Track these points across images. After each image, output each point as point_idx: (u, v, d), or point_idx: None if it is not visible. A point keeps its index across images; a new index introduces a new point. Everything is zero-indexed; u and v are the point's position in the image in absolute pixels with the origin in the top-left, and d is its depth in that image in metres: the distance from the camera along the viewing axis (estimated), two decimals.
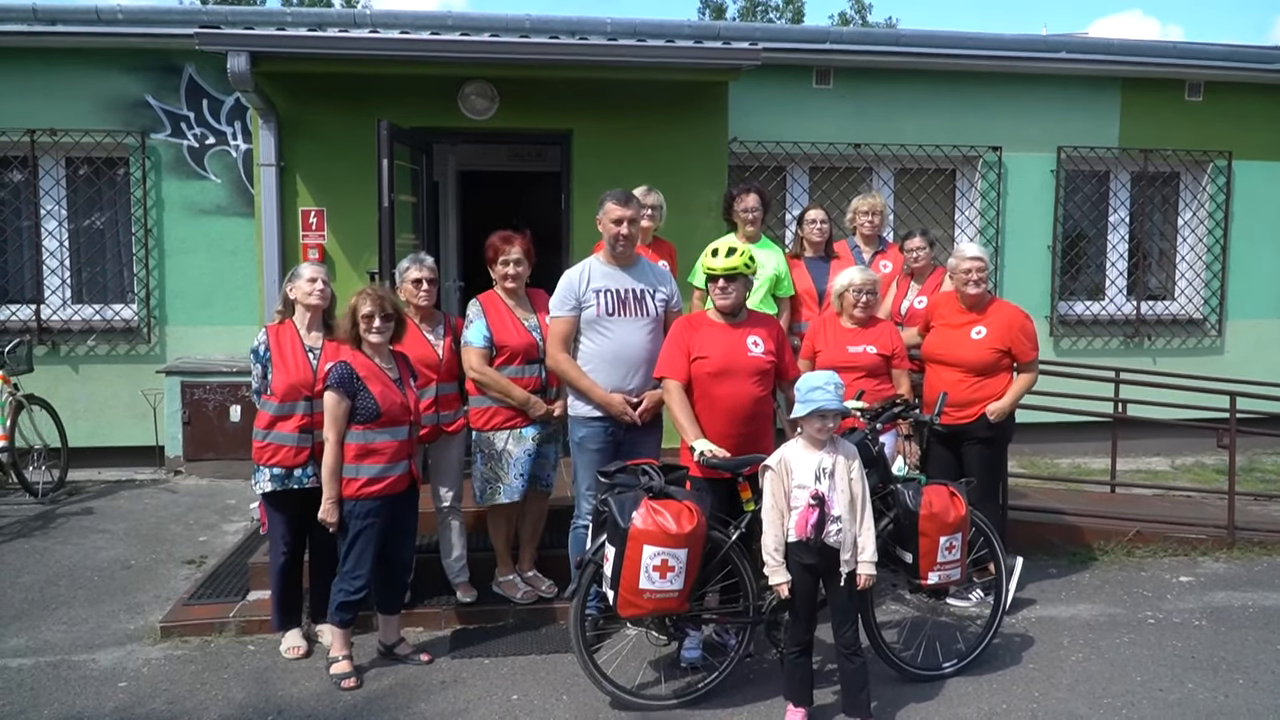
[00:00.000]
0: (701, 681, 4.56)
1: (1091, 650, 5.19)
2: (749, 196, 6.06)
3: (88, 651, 5.05)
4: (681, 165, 7.63)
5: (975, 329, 5.61)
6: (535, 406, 5.22)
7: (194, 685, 4.67)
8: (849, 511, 4.17)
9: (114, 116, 8.54)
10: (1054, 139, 9.52)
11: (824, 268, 6.24)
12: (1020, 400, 5.65)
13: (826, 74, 9.07)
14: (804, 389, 4.18)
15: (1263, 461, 9.67)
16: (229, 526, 7.15)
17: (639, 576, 4.11)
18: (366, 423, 4.60)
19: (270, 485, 4.84)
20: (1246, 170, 9.88)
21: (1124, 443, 8.52)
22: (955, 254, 5.72)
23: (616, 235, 4.96)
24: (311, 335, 4.96)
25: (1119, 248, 10.03)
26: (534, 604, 5.48)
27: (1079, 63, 9.25)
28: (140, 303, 8.68)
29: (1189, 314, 10.03)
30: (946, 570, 4.57)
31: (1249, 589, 6.13)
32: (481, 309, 5.26)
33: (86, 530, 7.06)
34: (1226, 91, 9.75)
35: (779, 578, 4.15)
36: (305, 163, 7.42)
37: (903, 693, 4.64)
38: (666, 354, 4.75)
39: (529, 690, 4.65)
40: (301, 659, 4.96)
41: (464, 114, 7.55)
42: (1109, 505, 7.66)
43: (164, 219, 8.68)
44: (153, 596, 5.81)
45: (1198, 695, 4.66)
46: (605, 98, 7.58)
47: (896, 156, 9.27)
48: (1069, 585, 6.16)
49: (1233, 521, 6.88)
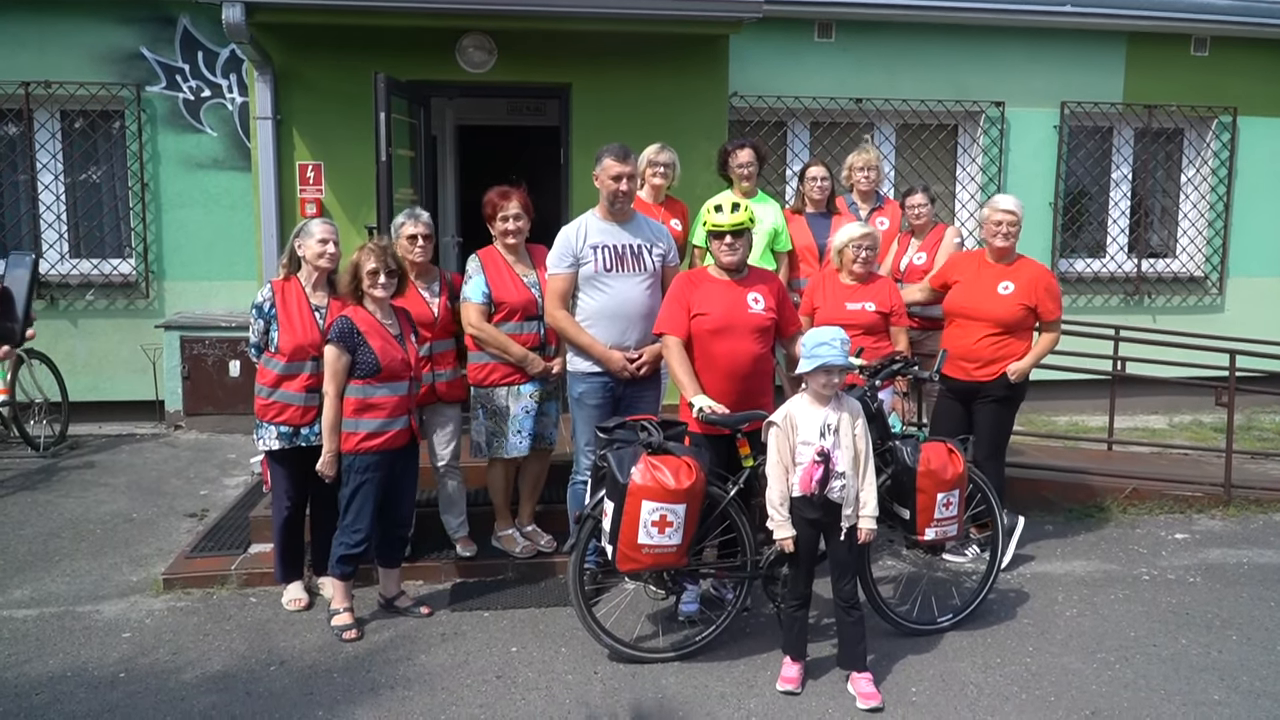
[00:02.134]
0: (699, 635, 4.60)
1: (1086, 606, 5.23)
2: (743, 151, 6.02)
3: (92, 603, 5.10)
4: (681, 119, 7.57)
5: (1002, 284, 5.55)
6: (533, 364, 5.22)
7: (197, 636, 4.71)
8: (852, 467, 4.19)
9: (109, 69, 8.46)
10: (1058, 94, 9.44)
11: (825, 224, 6.20)
12: (1040, 362, 5.63)
13: (828, 27, 8.97)
14: (809, 344, 4.17)
15: (1261, 420, 9.69)
16: (229, 480, 7.18)
17: (637, 531, 4.14)
18: (366, 377, 4.61)
19: (277, 444, 4.85)
20: (1251, 126, 9.81)
21: (1122, 400, 8.53)
22: (989, 205, 5.65)
23: (615, 192, 4.93)
24: (317, 294, 4.94)
25: (1121, 205, 9.98)
26: (533, 558, 5.52)
27: (1084, 16, 9.13)
28: (138, 257, 8.66)
29: (1190, 272, 10.01)
30: (943, 526, 4.59)
31: (1244, 546, 6.17)
32: (480, 265, 5.24)
33: (88, 484, 7.09)
34: (1232, 46, 9.65)
35: (784, 532, 4.18)
36: (302, 116, 7.37)
37: (898, 646, 4.69)
38: (667, 310, 4.75)
39: (528, 643, 4.69)
40: (303, 611, 5.00)
41: (462, 67, 7.48)
42: (1106, 463, 7.70)
43: (160, 173, 8.63)
44: (155, 549, 5.85)
45: (1191, 651, 4.71)
46: (605, 50, 7.50)
47: (898, 111, 9.20)
48: (1065, 542, 6.20)
49: (1229, 479, 6.91)
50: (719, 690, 4.26)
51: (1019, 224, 5.56)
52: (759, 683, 4.32)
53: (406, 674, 4.36)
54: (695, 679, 4.35)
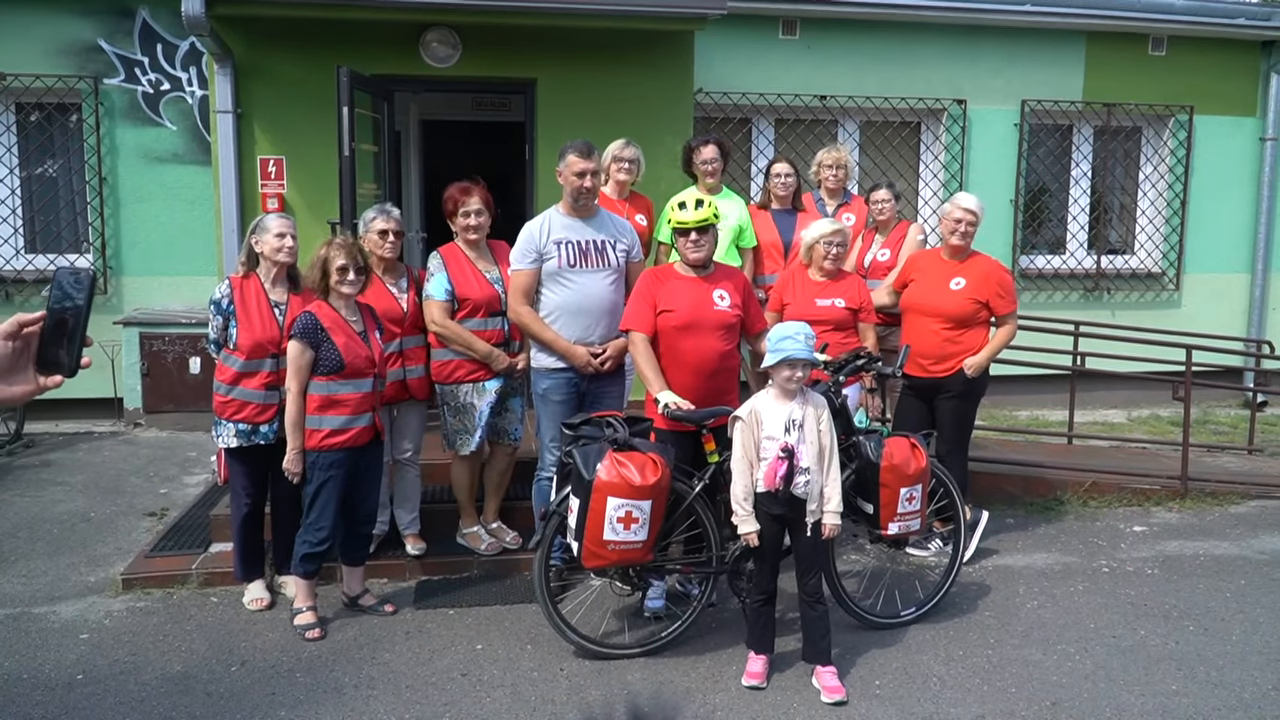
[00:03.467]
0: (665, 630, 4.61)
1: (1046, 598, 5.29)
2: (707, 148, 6.02)
3: (48, 604, 5.02)
4: (646, 115, 7.56)
5: (954, 280, 5.62)
6: (498, 360, 5.21)
7: (156, 637, 4.66)
8: (817, 463, 4.21)
9: (66, 61, 8.32)
10: (1018, 92, 9.53)
11: (790, 220, 6.22)
12: (997, 356, 5.69)
13: (793, 24, 9.00)
14: (774, 338, 4.19)
15: (1216, 414, 9.85)
16: (190, 479, 7.10)
17: (603, 528, 4.14)
18: (330, 374, 4.58)
19: (236, 441, 4.80)
20: (1207, 125, 9.95)
21: (1082, 395, 8.65)
22: (950, 202, 5.72)
23: (579, 188, 4.92)
24: (277, 290, 4.89)
25: (1080, 202, 10.09)
26: (498, 555, 5.51)
27: (1044, 15, 9.21)
28: (96, 252, 8.52)
29: (1148, 268, 10.15)
30: (906, 521, 4.64)
31: (1200, 538, 6.27)
32: (443, 262, 5.22)
33: (45, 483, 6.99)
34: (1189, 46, 9.79)
35: (748, 527, 4.19)
36: (263, 110, 7.28)
37: (862, 640, 4.72)
38: (633, 306, 4.74)
39: (493, 640, 4.68)
40: (265, 610, 4.96)
41: (426, 62, 7.42)
42: (1066, 456, 7.79)
43: (119, 167, 8.50)
44: (114, 549, 5.78)
45: (1150, 641, 4.78)
46: (570, 46, 7.48)
47: (862, 108, 9.25)
48: (1025, 535, 6.27)
49: (1186, 473, 7.02)
50: (685, 686, 4.27)
51: (977, 223, 5.63)
52: (724, 678, 4.33)
53: (370, 673, 4.34)
54: (661, 675, 4.36)
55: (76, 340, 1.66)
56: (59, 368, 1.67)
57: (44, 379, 1.67)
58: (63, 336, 1.66)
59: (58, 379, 1.67)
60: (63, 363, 1.67)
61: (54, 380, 1.67)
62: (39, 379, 1.67)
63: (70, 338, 1.66)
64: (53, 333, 1.66)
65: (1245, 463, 8.10)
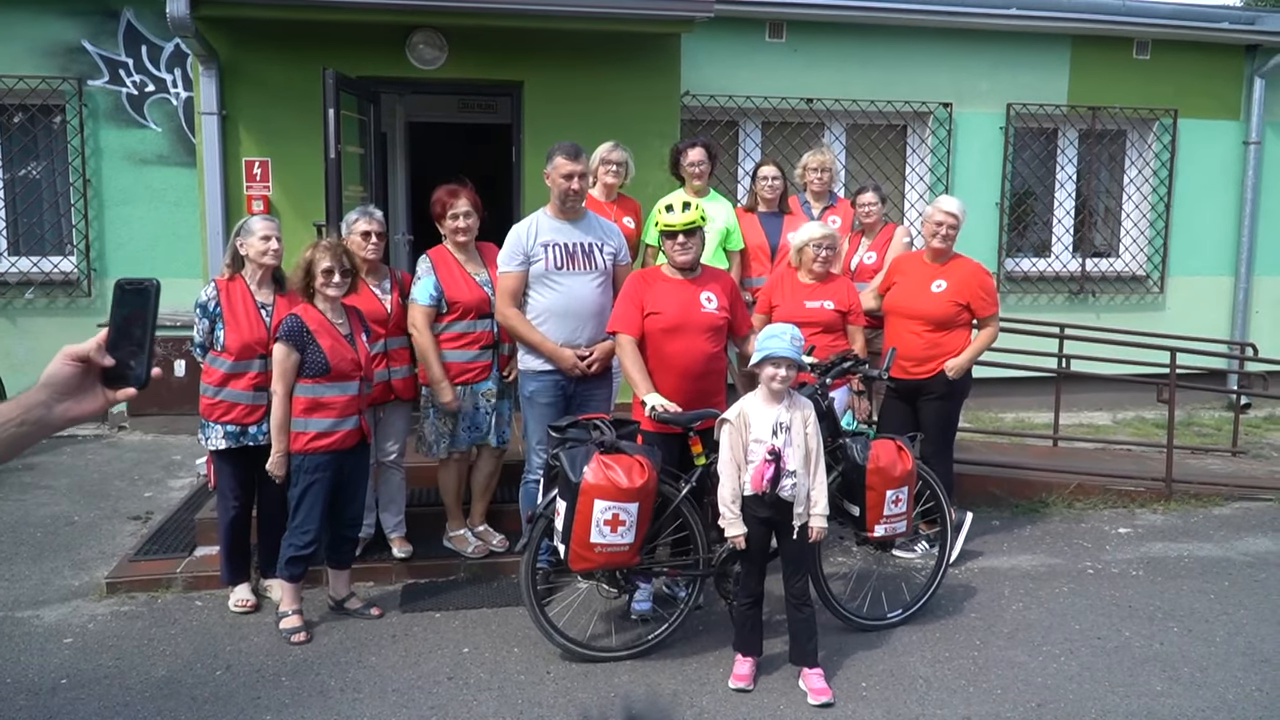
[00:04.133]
0: (652, 633, 4.61)
1: (1032, 600, 5.31)
2: (694, 150, 6.03)
3: (32, 608, 4.99)
4: (634, 118, 7.56)
5: (935, 282, 5.64)
6: (443, 391, 5.16)
7: (141, 641, 4.63)
8: (804, 466, 4.21)
9: (49, 62, 8.28)
10: (1004, 95, 9.56)
11: (777, 223, 6.23)
12: (978, 357, 5.72)
13: (780, 27, 9.02)
14: (761, 338, 4.20)
15: (1200, 416, 9.90)
16: (175, 482, 7.07)
17: (590, 530, 4.14)
18: (315, 377, 4.56)
19: (224, 443, 4.78)
20: (1191, 128, 10.00)
21: (1067, 397, 8.68)
22: (933, 205, 5.76)
23: (566, 190, 4.92)
24: (263, 292, 4.87)
25: (1065, 205, 10.13)
26: (485, 558, 5.50)
27: (1029, 19, 9.25)
28: (80, 254, 8.48)
29: (1132, 271, 10.19)
30: (893, 523, 4.65)
31: (1184, 540, 6.30)
32: (431, 265, 5.21)
33: (28, 486, 6.94)
34: (1173, 50, 9.83)
35: (735, 530, 4.19)
36: (248, 111, 7.26)
37: (849, 642, 4.73)
38: (620, 309, 4.74)
39: (480, 643, 4.67)
40: (250, 614, 4.94)
41: (412, 64, 7.41)
42: (1051, 459, 7.82)
43: (103, 169, 8.46)
44: (98, 553, 5.74)
45: (1134, 643, 4.80)
46: (557, 48, 7.48)
47: (848, 111, 9.27)
48: (1011, 536, 6.29)
49: (1170, 474, 7.05)
50: (672, 688, 4.26)
51: (958, 226, 5.65)
52: (711, 680, 4.33)
53: (357, 676, 4.32)
54: (648, 677, 4.36)
55: (145, 351, 1.63)
56: (129, 380, 1.63)
57: (112, 393, 1.63)
58: (130, 347, 1.62)
59: (130, 391, 1.64)
60: (132, 374, 1.63)
61: (125, 393, 1.64)
62: (107, 393, 1.63)
63: (139, 348, 1.62)
64: (118, 344, 1.62)
65: (1229, 465, 8.15)
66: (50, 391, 1.58)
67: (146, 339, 1.63)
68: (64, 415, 1.60)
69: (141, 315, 1.63)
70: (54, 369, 1.59)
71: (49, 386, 1.58)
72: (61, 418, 1.59)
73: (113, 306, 1.63)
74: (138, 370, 1.63)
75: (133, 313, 1.63)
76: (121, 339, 1.62)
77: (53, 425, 1.59)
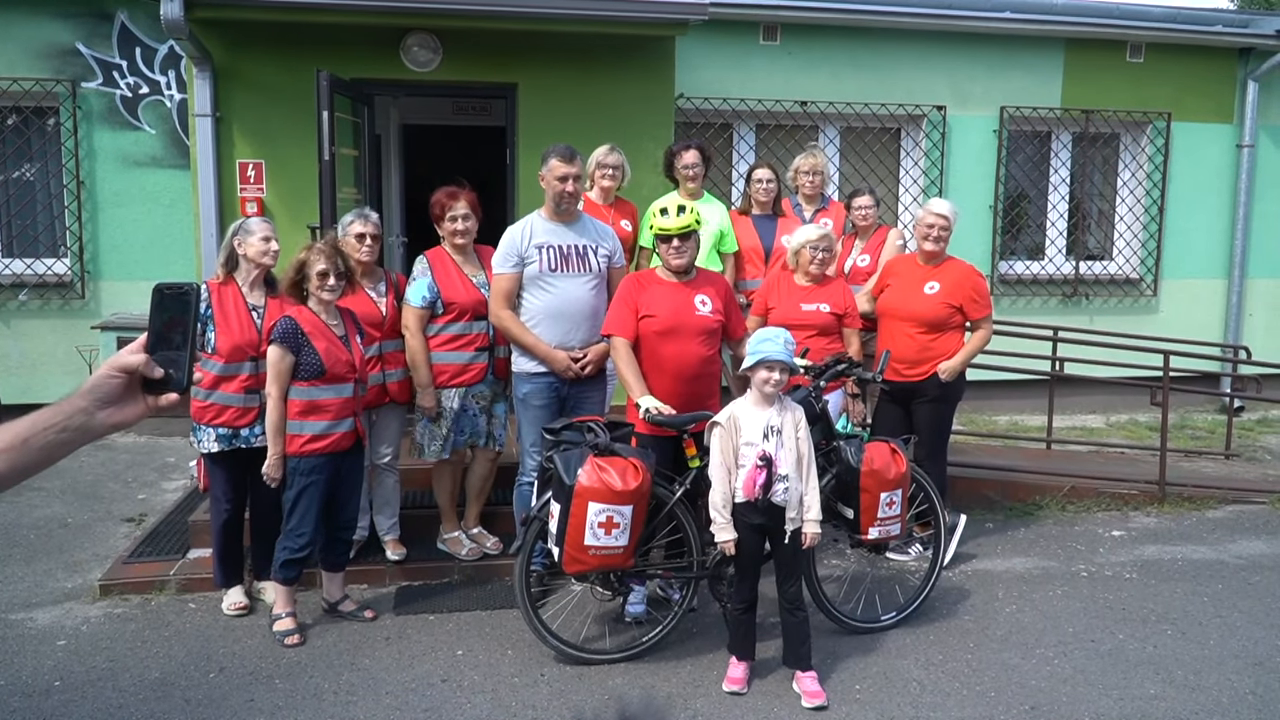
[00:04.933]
0: (646, 635, 4.61)
1: (1025, 602, 5.32)
2: (688, 153, 6.03)
3: (25, 610, 4.98)
4: (628, 120, 7.57)
5: (929, 284, 5.65)
6: (426, 397, 5.21)
7: (135, 643, 4.62)
8: (796, 470, 4.21)
9: (43, 64, 8.26)
10: (997, 99, 9.58)
11: (771, 225, 6.24)
12: (972, 360, 5.72)
13: (774, 30, 9.03)
14: (754, 342, 4.20)
15: (1194, 418, 9.92)
16: (168, 484, 7.06)
17: (584, 533, 4.14)
18: (310, 379, 4.56)
19: (216, 445, 4.77)
20: (1184, 132, 10.03)
21: (1061, 400, 8.70)
22: (924, 207, 5.77)
23: (561, 192, 4.92)
24: (254, 294, 4.86)
25: (1059, 208, 10.15)
26: (479, 560, 5.50)
27: (1023, 22, 9.27)
28: (73, 256, 8.46)
29: (1126, 274, 10.21)
30: (887, 525, 4.65)
31: (1178, 543, 6.31)
32: (428, 266, 5.21)
33: (21, 488, 6.85)
34: (1166, 53, 9.86)
35: (725, 535, 4.19)
36: (243, 113, 7.25)
37: (843, 645, 4.73)
38: (614, 312, 4.75)
39: (474, 645, 4.67)
40: (244, 616, 4.93)
41: (407, 66, 7.41)
42: (1045, 461, 7.83)
43: (97, 170, 8.44)
44: (91, 555, 5.73)
45: (1128, 645, 4.81)
46: (551, 51, 7.48)
47: (842, 114, 9.28)
48: (1005, 539, 6.30)
49: (1164, 477, 7.07)
50: (666, 691, 4.26)
51: (950, 228, 5.66)
52: (705, 683, 4.33)
53: (350, 679, 4.32)
54: (642, 680, 4.36)
55: (186, 355, 1.62)
56: (169, 385, 1.62)
57: (154, 399, 1.63)
58: (169, 353, 1.61)
59: (172, 397, 1.63)
60: (173, 380, 1.62)
61: (167, 399, 1.63)
62: (148, 399, 1.63)
63: (179, 353, 1.62)
64: (156, 349, 1.61)
65: (1222, 467, 8.17)
66: (93, 399, 1.57)
67: (188, 344, 1.63)
68: (106, 423, 1.59)
69: (182, 320, 1.63)
70: (99, 379, 1.58)
71: (92, 395, 1.57)
72: (103, 425, 1.59)
73: (151, 311, 1.62)
74: (178, 376, 1.62)
75: (173, 318, 1.63)
76: (160, 344, 1.62)
77: (94, 433, 1.58)
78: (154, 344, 1.62)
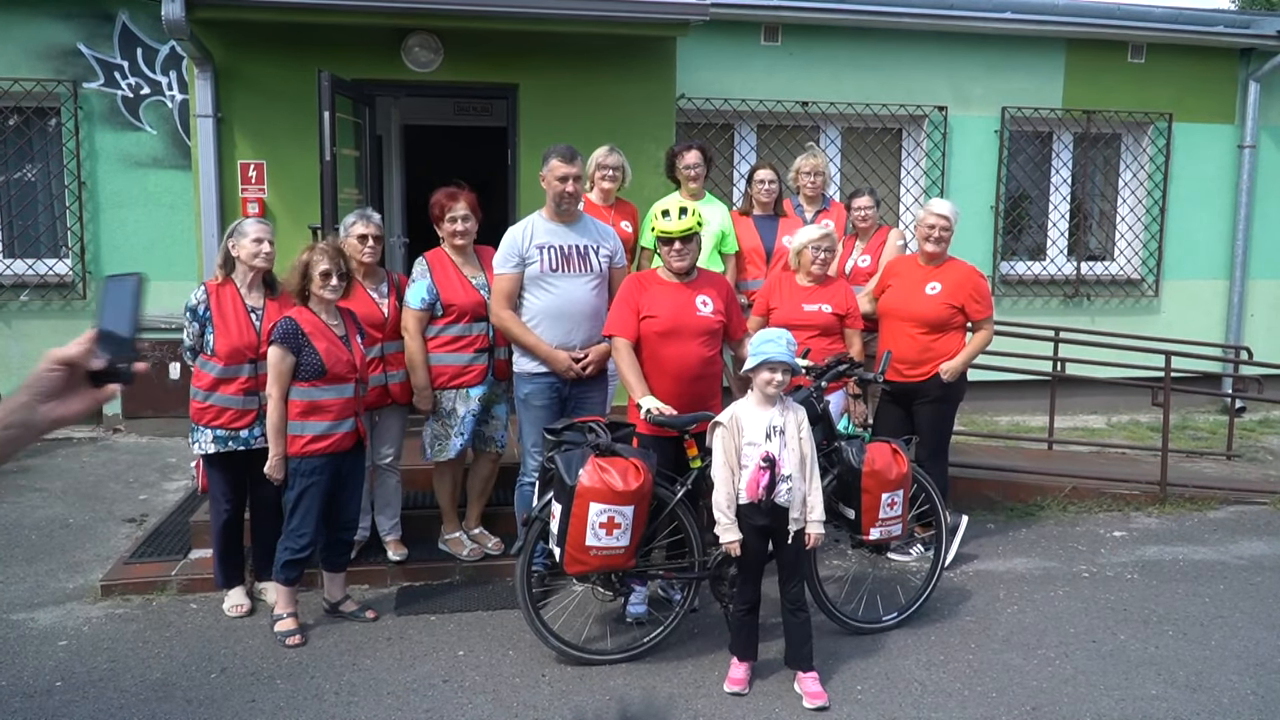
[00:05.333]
0: (647, 636, 4.61)
1: (1027, 603, 5.31)
2: (690, 153, 6.03)
3: (26, 610, 4.98)
4: (629, 121, 7.57)
5: (930, 284, 5.64)
6: (424, 399, 5.23)
7: (136, 644, 4.62)
8: (799, 470, 4.20)
9: (45, 65, 8.27)
10: (999, 99, 9.58)
11: (772, 226, 6.24)
12: (973, 360, 5.72)
13: (775, 30, 9.03)
14: (756, 343, 4.20)
15: (1195, 419, 9.92)
16: (170, 485, 7.06)
17: (585, 533, 4.14)
18: (311, 379, 4.55)
19: (214, 447, 4.77)
20: (1185, 132, 10.02)
21: (1062, 400, 8.69)
22: (925, 208, 5.76)
23: (561, 193, 4.92)
24: (253, 295, 4.86)
25: (1060, 208, 10.15)
26: (480, 561, 5.50)
27: (1024, 23, 9.26)
28: (75, 257, 8.47)
29: (1127, 274, 10.21)
30: (888, 526, 4.65)
31: (1179, 543, 6.31)
32: (427, 267, 5.21)
33: (23, 489, 6.93)
34: (1168, 54, 9.85)
35: (730, 536, 4.18)
36: (244, 114, 7.25)
37: (844, 645, 4.73)
38: (616, 312, 4.75)
39: (475, 646, 4.66)
40: (245, 617, 4.93)
41: (408, 66, 7.41)
42: (1046, 462, 7.83)
43: (98, 171, 8.45)
44: (93, 555, 5.73)
45: (1129, 646, 4.80)
46: (553, 51, 7.48)
47: (843, 115, 9.28)
48: (1006, 540, 6.30)
49: (1165, 478, 7.06)
50: (667, 691, 4.26)
51: (950, 229, 5.66)
52: (707, 683, 4.33)
53: (351, 679, 4.32)
54: (643, 680, 4.35)
55: (128, 348, 1.63)
56: (115, 376, 1.63)
57: (99, 391, 1.63)
58: (114, 345, 1.62)
59: (114, 388, 1.64)
60: (121, 371, 1.63)
61: (110, 390, 1.64)
62: (95, 393, 1.63)
63: (125, 344, 1.63)
64: (104, 342, 1.62)
65: (1224, 468, 8.17)
66: (34, 394, 1.58)
67: (133, 335, 1.64)
68: (48, 417, 1.60)
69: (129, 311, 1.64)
70: (38, 374, 1.59)
71: (33, 390, 1.58)
72: (46, 419, 1.60)
73: (100, 302, 1.64)
74: (125, 368, 1.63)
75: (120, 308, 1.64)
76: (108, 336, 1.62)
77: (39, 428, 1.59)
78: (102, 335, 1.62)
